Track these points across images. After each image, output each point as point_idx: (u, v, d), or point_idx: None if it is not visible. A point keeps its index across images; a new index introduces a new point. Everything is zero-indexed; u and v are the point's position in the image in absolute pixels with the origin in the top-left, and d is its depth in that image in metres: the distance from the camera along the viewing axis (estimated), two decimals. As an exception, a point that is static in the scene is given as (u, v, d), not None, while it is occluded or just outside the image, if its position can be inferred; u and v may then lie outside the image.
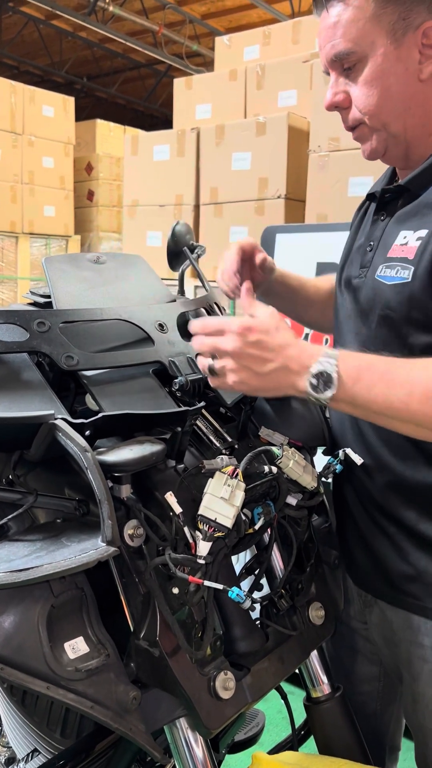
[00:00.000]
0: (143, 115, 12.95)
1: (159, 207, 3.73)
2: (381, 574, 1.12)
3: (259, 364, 0.89)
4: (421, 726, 1.11)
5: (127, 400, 0.92)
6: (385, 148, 1.07)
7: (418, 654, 1.08)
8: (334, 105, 1.07)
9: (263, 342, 0.89)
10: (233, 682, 0.88)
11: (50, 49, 9.94)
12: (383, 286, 1.04)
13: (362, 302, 1.09)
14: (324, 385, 0.88)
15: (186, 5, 8.63)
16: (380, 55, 0.99)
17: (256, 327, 0.89)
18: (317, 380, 0.88)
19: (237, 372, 0.89)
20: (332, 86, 1.06)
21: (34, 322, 0.89)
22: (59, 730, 1.05)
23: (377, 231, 1.11)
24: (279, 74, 3.50)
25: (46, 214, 6.26)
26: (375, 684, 1.25)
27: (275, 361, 0.89)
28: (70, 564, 0.71)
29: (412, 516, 1.06)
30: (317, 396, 0.88)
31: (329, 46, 1.02)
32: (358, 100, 1.03)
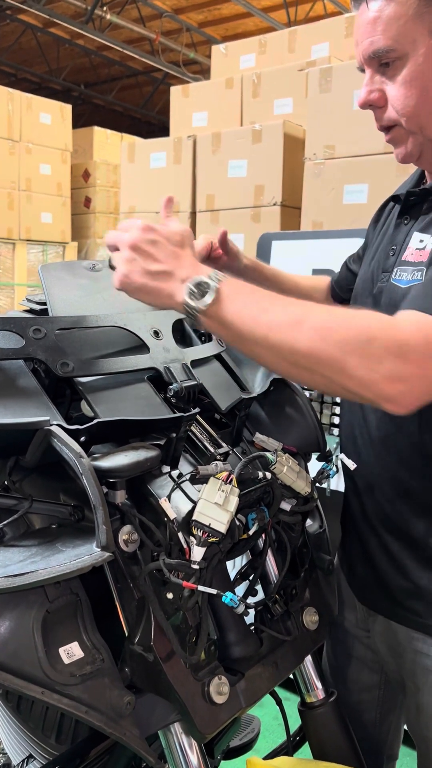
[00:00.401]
0: (140, 122, 13.00)
1: (156, 214, 3.74)
2: (381, 589, 1.13)
3: (149, 261, 0.89)
4: (425, 737, 1.11)
5: (122, 407, 0.93)
6: (419, 153, 1.04)
7: (423, 664, 1.08)
8: (369, 103, 1.03)
9: (160, 243, 0.90)
10: (227, 687, 0.88)
11: (48, 56, 9.98)
12: (399, 290, 1.03)
13: (382, 308, 1.08)
14: (200, 294, 0.87)
15: (183, 14, 8.68)
16: (421, 54, 0.95)
17: (160, 230, 0.91)
18: (195, 290, 0.87)
19: (126, 263, 0.89)
20: (367, 83, 1.02)
21: (30, 329, 0.89)
22: (54, 736, 1.05)
23: (400, 235, 1.10)
24: (275, 82, 3.53)
25: (43, 220, 6.27)
26: (375, 692, 1.25)
27: (164, 264, 0.89)
28: (65, 569, 0.72)
29: (420, 530, 1.06)
30: (192, 305, 0.87)
31: (368, 42, 0.98)
32: (395, 100, 0.99)
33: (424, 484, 1.05)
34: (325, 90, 2.91)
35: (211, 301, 0.86)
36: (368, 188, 2.78)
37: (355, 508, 1.17)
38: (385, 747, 1.29)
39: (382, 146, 2.69)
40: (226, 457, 1.01)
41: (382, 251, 1.14)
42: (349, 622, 1.24)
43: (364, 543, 1.15)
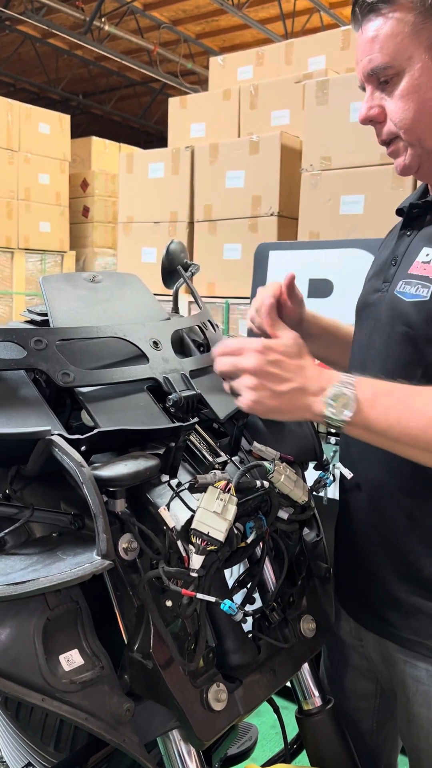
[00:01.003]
0: (138, 132, 13.07)
1: (154, 224, 3.77)
2: (363, 600, 1.14)
3: (276, 383, 0.89)
4: (416, 747, 1.11)
5: (122, 416, 0.94)
6: (418, 164, 1.05)
7: (413, 674, 1.08)
8: (369, 119, 1.05)
9: (282, 362, 0.90)
10: (225, 694, 0.89)
11: (46, 66, 10.05)
12: (402, 303, 1.04)
13: (382, 318, 1.09)
14: (341, 407, 0.88)
15: (181, 25, 8.76)
16: (417, 69, 0.98)
17: (276, 346, 0.91)
18: (334, 402, 0.88)
19: (255, 390, 0.90)
20: (367, 100, 1.04)
21: (32, 339, 0.91)
22: (53, 744, 1.05)
23: (402, 246, 1.11)
24: (272, 94, 3.56)
25: (41, 229, 6.30)
26: (371, 701, 1.25)
27: (293, 382, 0.89)
28: (65, 577, 0.73)
29: (403, 542, 1.06)
30: (333, 419, 0.89)
31: (366, 60, 1.01)
32: (393, 113, 1.02)
33: (417, 496, 1.06)
34: (322, 102, 2.94)
35: (353, 413, 0.88)
36: (364, 199, 2.80)
37: (345, 517, 1.18)
38: (383, 756, 1.30)
39: (378, 158, 2.72)
40: (224, 467, 1.02)
41: (384, 263, 1.15)
42: (344, 631, 1.24)
43: (351, 553, 1.16)
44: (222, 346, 0.94)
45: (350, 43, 3.59)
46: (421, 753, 1.10)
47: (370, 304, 1.15)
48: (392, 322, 1.06)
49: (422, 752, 1.09)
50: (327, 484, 1.12)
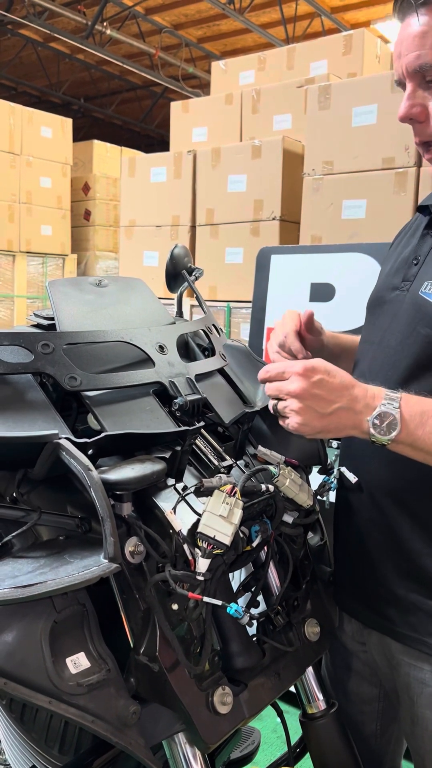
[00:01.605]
0: (139, 136, 13.09)
1: (156, 228, 3.78)
2: (362, 597, 1.14)
3: (323, 405, 0.90)
4: (420, 748, 1.11)
5: (128, 420, 0.94)
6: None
7: (418, 677, 1.08)
8: (409, 117, 1.01)
9: (326, 382, 0.90)
10: (231, 698, 0.89)
11: (48, 70, 10.07)
12: (428, 305, 1.02)
13: (400, 317, 1.07)
14: (388, 426, 0.89)
15: (182, 29, 8.78)
16: None
17: (318, 367, 0.91)
18: (381, 421, 0.89)
19: (301, 413, 0.90)
20: (409, 97, 1.00)
21: (39, 343, 0.91)
22: (57, 747, 1.05)
23: (425, 246, 1.09)
24: (274, 99, 3.58)
25: (43, 233, 6.31)
26: (375, 704, 1.25)
27: (338, 402, 0.90)
28: (73, 580, 0.73)
29: (406, 541, 1.07)
30: (380, 438, 0.90)
31: (413, 55, 0.96)
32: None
33: (418, 494, 1.06)
34: (324, 107, 2.96)
35: (398, 433, 0.89)
36: (366, 203, 2.81)
37: (344, 517, 1.18)
38: (387, 759, 1.29)
39: (380, 162, 2.73)
40: (229, 470, 1.02)
41: (403, 261, 1.13)
42: (346, 635, 1.24)
43: (351, 552, 1.16)
44: (265, 372, 0.95)
45: (352, 49, 3.60)
46: (426, 755, 1.10)
47: (386, 301, 1.13)
48: (414, 323, 1.04)
49: (427, 754, 1.10)
50: (332, 488, 1.12)
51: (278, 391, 0.93)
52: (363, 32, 3.62)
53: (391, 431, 0.90)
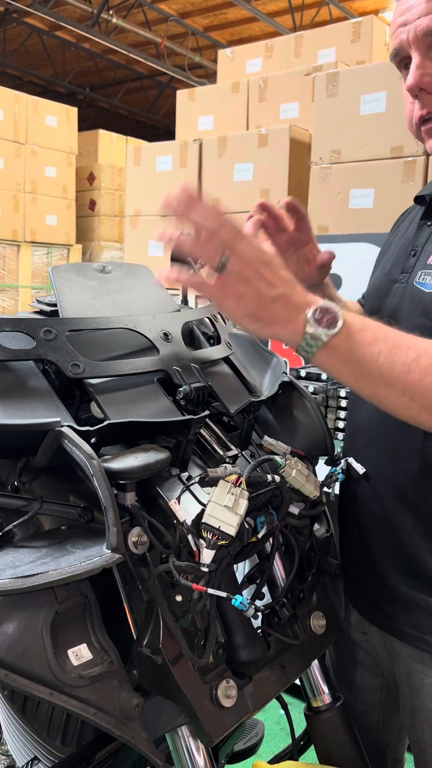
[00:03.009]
0: (145, 126, 13.04)
1: (161, 217, 3.75)
2: (363, 592, 1.13)
3: (266, 285, 0.79)
4: (420, 739, 1.10)
5: (131, 408, 0.93)
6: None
7: (418, 668, 1.08)
8: (420, 86, 0.96)
9: (274, 266, 0.81)
10: (235, 691, 0.88)
11: (53, 59, 10.02)
12: (422, 294, 1.00)
13: (401, 310, 1.05)
14: (328, 322, 0.78)
15: (189, 18, 8.72)
16: None
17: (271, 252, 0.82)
18: (322, 315, 0.79)
19: (244, 284, 0.78)
20: (418, 66, 0.95)
21: (41, 330, 0.90)
22: (59, 738, 1.04)
23: (422, 237, 1.07)
24: (281, 87, 3.54)
25: (48, 222, 6.29)
26: (377, 695, 1.25)
27: (281, 288, 0.80)
28: (75, 570, 0.72)
29: (406, 535, 1.05)
30: (318, 332, 0.78)
31: (427, 18, 0.92)
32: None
33: (421, 490, 1.04)
34: (332, 95, 2.92)
35: (338, 329, 0.79)
36: (374, 193, 2.78)
37: (348, 510, 1.17)
38: (389, 750, 1.29)
39: (388, 151, 2.69)
40: (235, 460, 1.00)
41: (402, 252, 1.12)
42: (349, 625, 1.24)
43: (354, 546, 1.15)
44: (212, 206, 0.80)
45: (360, 36, 3.56)
46: (426, 746, 1.09)
47: (386, 294, 1.11)
48: (411, 313, 1.03)
49: (426, 745, 1.09)
50: (338, 479, 1.11)
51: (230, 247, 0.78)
52: (372, 19, 3.58)
53: (330, 327, 0.78)
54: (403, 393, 0.80)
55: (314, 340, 0.79)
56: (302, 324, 0.80)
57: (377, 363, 0.79)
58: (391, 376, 0.79)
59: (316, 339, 0.79)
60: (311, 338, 0.79)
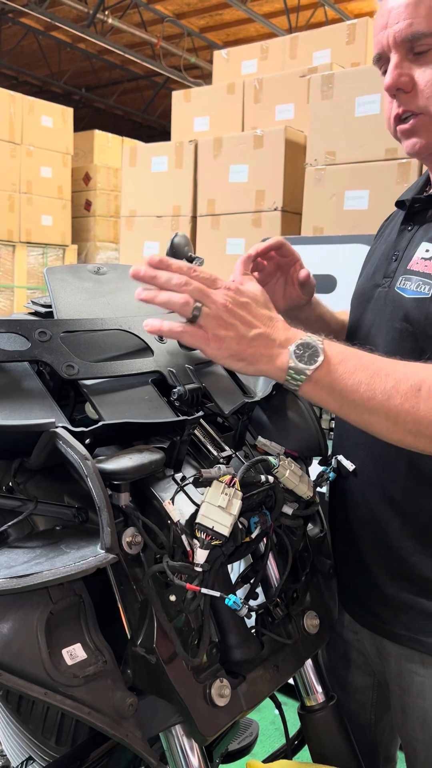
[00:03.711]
0: (141, 126, 13.03)
1: (156, 218, 3.76)
2: (352, 594, 1.14)
3: (245, 327, 0.83)
4: (411, 738, 1.11)
5: (126, 409, 0.93)
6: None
7: (408, 666, 1.08)
8: (397, 87, 0.98)
9: (252, 307, 0.84)
10: (229, 690, 0.88)
11: (49, 59, 10.01)
12: (402, 299, 1.02)
13: (383, 314, 1.07)
14: (309, 357, 0.82)
15: (184, 18, 8.72)
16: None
17: (247, 291, 0.86)
18: (302, 351, 0.83)
19: (222, 328, 0.82)
20: (396, 66, 0.98)
21: (36, 331, 0.90)
22: (54, 738, 1.05)
23: (403, 241, 1.09)
24: (276, 88, 3.55)
25: (43, 223, 6.28)
26: (369, 693, 1.25)
27: (261, 328, 0.84)
28: (69, 570, 0.72)
29: (394, 537, 1.06)
30: (300, 367, 0.82)
31: (404, 24, 0.95)
32: (429, 87, 0.95)
33: (409, 492, 1.05)
34: (327, 96, 2.93)
35: (320, 363, 0.82)
36: (369, 194, 2.79)
37: (339, 512, 1.18)
38: (381, 748, 1.30)
39: (383, 153, 2.71)
40: (229, 461, 1.01)
41: (384, 256, 1.13)
42: (341, 624, 1.24)
43: (344, 549, 1.16)
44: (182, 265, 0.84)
45: (355, 38, 3.57)
46: (417, 744, 1.10)
47: (369, 299, 1.13)
48: (393, 318, 1.04)
49: (418, 743, 1.10)
50: (329, 479, 1.11)
51: (203, 296, 0.82)
52: (367, 21, 3.59)
53: (312, 362, 0.82)
54: (386, 418, 0.84)
55: (298, 374, 0.83)
56: (285, 360, 0.83)
57: (359, 392, 0.83)
58: (373, 404, 0.83)
59: (300, 373, 0.83)
60: (295, 373, 0.83)
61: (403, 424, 0.83)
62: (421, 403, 0.82)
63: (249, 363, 0.85)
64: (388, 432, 0.85)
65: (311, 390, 0.85)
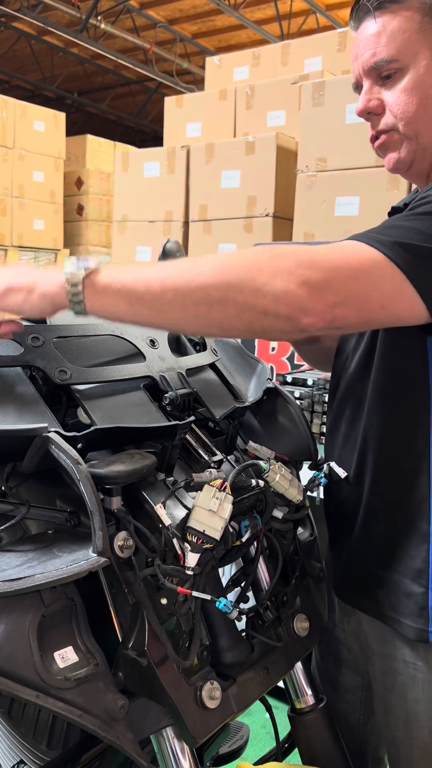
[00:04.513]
0: (133, 131, 13.05)
1: (149, 223, 3.77)
2: (348, 579, 1.15)
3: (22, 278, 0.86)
4: (393, 737, 1.12)
5: (118, 414, 0.94)
6: (412, 161, 1.06)
7: (391, 666, 1.09)
8: (368, 110, 1.06)
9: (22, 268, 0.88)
10: (219, 692, 0.89)
11: (42, 64, 10.01)
12: None
13: None
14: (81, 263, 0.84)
15: (177, 24, 8.75)
16: (423, 66, 1.00)
17: None
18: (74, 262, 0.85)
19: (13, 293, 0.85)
20: (366, 93, 1.06)
21: (29, 336, 0.91)
22: (45, 741, 1.05)
23: None
24: (268, 95, 3.57)
25: (35, 227, 6.28)
26: (358, 693, 1.26)
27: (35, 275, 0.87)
28: (61, 574, 0.73)
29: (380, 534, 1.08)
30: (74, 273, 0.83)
31: (369, 54, 1.03)
32: (395, 105, 1.03)
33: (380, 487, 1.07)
34: (318, 103, 2.95)
35: (94, 266, 0.83)
36: (359, 201, 2.82)
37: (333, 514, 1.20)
38: (370, 749, 1.31)
39: (373, 159, 2.73)
40: (219, 465, 1.02)
41: None
42: (332, 623, 1.25)
43: (338, 538, 1.18)
44: None
45: (347, 45, 3.60)
46: (399, 744, 1.11)
47: None
48: None
49: (400, 743, 1.11)
50: (321, 483, 1.12)
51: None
52: (357, 29, 3.62)
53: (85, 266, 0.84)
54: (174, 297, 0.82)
55: (75, 279, 0.83)
56: (62, 274, 0.84)
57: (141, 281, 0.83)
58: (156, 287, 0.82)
59: (76, 277, 0.83)
60: (72, 281, 0.83)
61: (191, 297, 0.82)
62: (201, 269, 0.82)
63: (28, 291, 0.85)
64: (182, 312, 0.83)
65: (95, 299, 0.84)
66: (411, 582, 1.05)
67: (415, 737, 1.08)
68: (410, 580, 1.05)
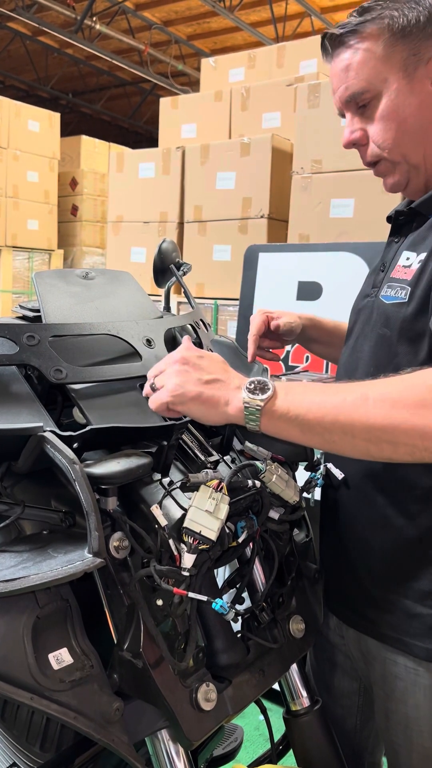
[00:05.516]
0: (128, 132, 13.05)
1: (143, 224, 3.76)
2: (340, 596, 1.15)
3: (198, 371, 0.90)
4: (393, 743, 1.12)
5: (114, 414, 0.93)
6: (407, 180, 1.09)
7: (392, 671, 1.09)
8: (352, 143, 1.09)
9: (207, 358, 0.92)
10: (215, 694, 0.88)
11: (36, 64, 10.00)
12: (384, 305, 1.07)
13: (369, 322, 1.12)
14: (260, 391, 0.88)
15: (172, 26, 8.76)
16: (394, 90, 1.02)
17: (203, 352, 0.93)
18: (254, 386, 0.89)
19: (178, 375, 0.89)
20: (349, 125, 1.09)
21: (24, 335, 0.90)
22: (39, 744, 1.04)
23: (390, 253, 1.14)
24: (263, 96, 3.57)
25: (29, 227, 6.26)
26: (354, 698, 1.26)
27: (216, 374, 0.90)
28: (56, 575, 0.72)
29: (377, 540, 1.08)
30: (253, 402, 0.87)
31: (342, 88, 1.05)
32: (375, 135, 1.06)
33: (388, 495, 1.07)
34: (314, 105, 2.96)
35: (271, 394, 0.87)
36: (354, 202, 2.82)
37: (327, 514, 1.19)
38: (366, 753, 1.30)
39: (368, 162, 2.73)
40: (216, 466, 1.01)
41: (374, 269, 1.18)
42: (328, 628, 1.25)
43: (332, 551, 1.17)
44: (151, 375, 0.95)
45: (342, 48, 3.60)
46: (399, 749, 1.11)
47: (360, 309, 1.18)
48: (375, 324, 1.09)
49: (400, 748, 1.10)
50: (318, 485, 1.12)
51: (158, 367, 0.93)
52: (353, 32, 3.62)
53: (263, 393, 0.88)
54: (343, 433, 0.86)
55: (254, 409, 0.88)
56: (241, 399, 0.88)
57: (312, 413, 0.87)
58: (328, 420, 0.86)
59: (255, 408, 0.87)
60: (251, 408, 0.88)
61: (361, 435, 0.85)
62: (370, 410, 0.85)
63: (210, 406, 0.89)
64: (351, 447, 0.88)
65: (270, 423, 0.88)
66: (415, 603, 1.04)
67: (415, 743, 1.08)
68: (414, 602, 1.04)
